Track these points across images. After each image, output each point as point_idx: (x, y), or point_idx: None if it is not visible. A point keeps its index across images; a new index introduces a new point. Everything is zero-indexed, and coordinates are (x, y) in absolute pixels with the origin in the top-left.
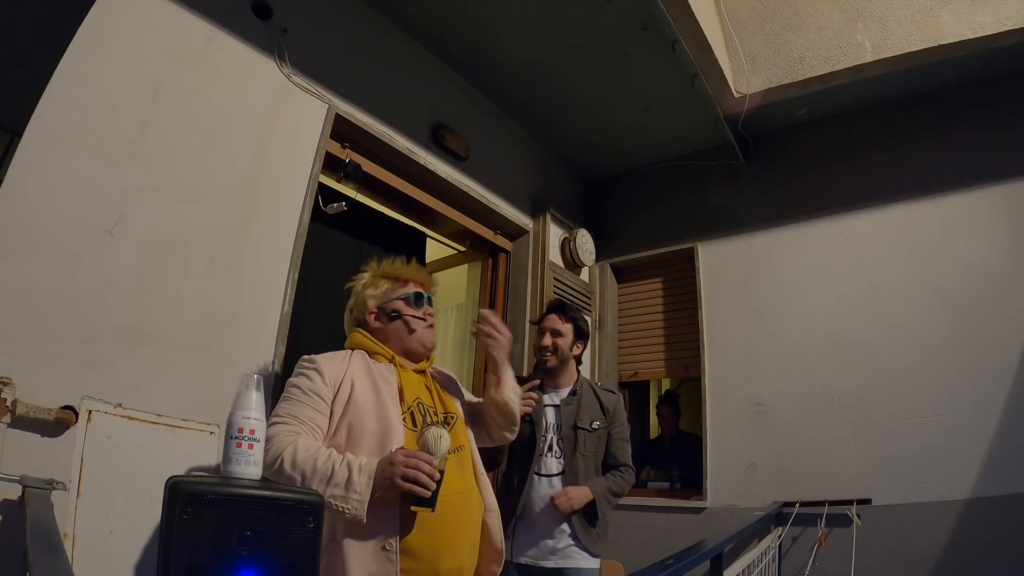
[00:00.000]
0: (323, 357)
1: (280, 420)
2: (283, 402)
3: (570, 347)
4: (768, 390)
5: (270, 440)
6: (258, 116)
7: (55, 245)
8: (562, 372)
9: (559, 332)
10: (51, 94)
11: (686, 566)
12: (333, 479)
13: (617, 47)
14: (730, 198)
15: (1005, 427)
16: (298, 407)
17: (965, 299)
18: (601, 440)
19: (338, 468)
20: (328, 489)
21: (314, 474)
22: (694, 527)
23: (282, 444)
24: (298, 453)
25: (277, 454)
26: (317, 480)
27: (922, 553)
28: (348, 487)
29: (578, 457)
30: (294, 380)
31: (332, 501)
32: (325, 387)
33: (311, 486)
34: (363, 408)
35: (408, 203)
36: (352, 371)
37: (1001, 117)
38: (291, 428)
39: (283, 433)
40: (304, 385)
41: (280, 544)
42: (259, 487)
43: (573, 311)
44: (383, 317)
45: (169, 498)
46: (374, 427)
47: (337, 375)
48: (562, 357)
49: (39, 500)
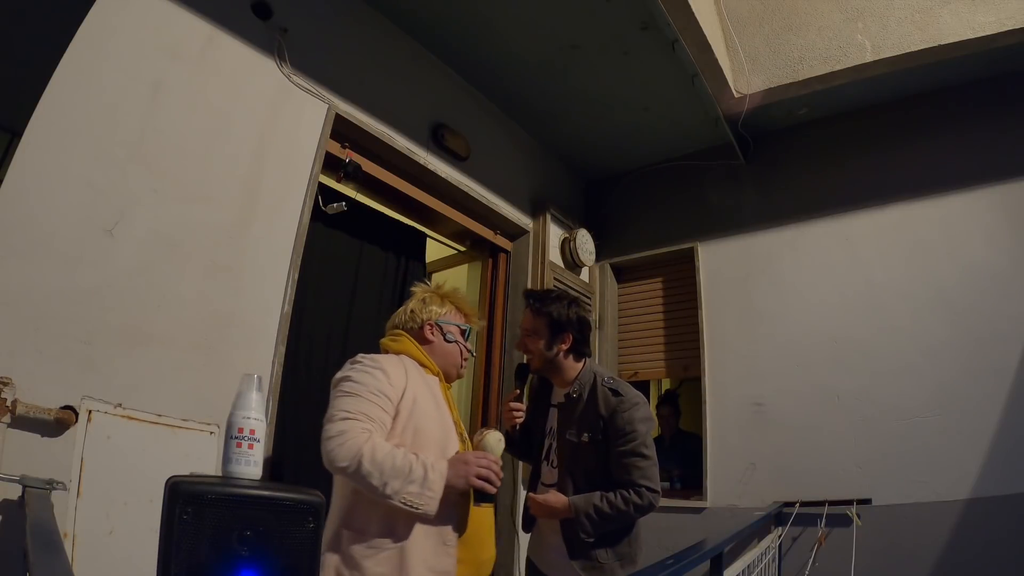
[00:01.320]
0: (384, 359)
1: (351, 416)
2: (348, 398)
3: (548, 346)
4: (768, 390)
5: (343, 435)
6: (258, 116)
7: (55, 245)
8: (556, 371)
9: (530, 331)
10: (51, 94)
11: (686, 566)
12: (410, 476)
13: (617, 47)
14: (730, 198)
15: (1005, 427)
16: (367, 405)
17: (965, 299)
18: (600, 453)
19: (415, 466)
20: (405, 486)
21: (393, 471)
22: (694, 527)
23: (359, 440)
24: (377, 450)
25: (356, 449)
26: (395, 477)
27: (922, 553)
28: (424, 484)
29: (565, 473)
30: (357, 377)
31: (407, 498)
32: (391, 388)
33: (388, 482)
34: (427, 413)
35: (408, 203)
36: (412, 377)
37: (1001, 117)
38: (364, 425)
39: (357, 429)
40: (371, 384)
41: (280, 544)
42: (259, 487)
43: (545, 300)
44: (438, 333)
45: (169, 498)
46: (437, 433)
47: (401, 379)
48: (543, 359)
49: (39, 500)
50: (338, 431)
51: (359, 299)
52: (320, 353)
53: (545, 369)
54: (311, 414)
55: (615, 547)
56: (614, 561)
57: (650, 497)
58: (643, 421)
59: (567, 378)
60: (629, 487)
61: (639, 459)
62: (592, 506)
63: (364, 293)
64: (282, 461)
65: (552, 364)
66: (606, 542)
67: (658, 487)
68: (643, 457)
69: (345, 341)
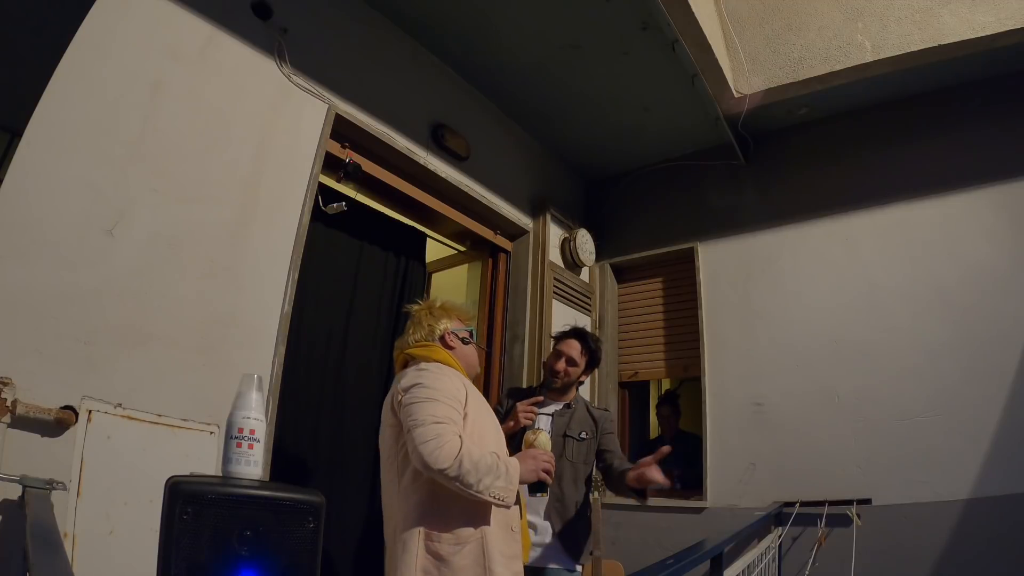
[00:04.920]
0: (446, 367)
1: (442, 421)
2: (431, 403)
3: (580, 375)
4: (768, 390)
5: (439, 437)
6: (258, 116)
7: (55, 245)
8: (567, 390)
9: (574, 362)
10: (51, 94)
11: (686, 566)
12: (497, 472)
13: (617, 47)
14: (730, 198)
15: (1005, 427)
16: (449, 410)
17: (965, 299)
18: (591, 449)
19: (499, 464)
20: (495, 482)
21: (487, 469)
22: (694, 527)
23: (455, 443)
24: (472, 452)
25: (455, 451)
26: (488, 474)
27: (922, 553)
28: (508, 479)
29: (564, 462)
30: (431, 383)
31: (496, 492)
32: (459, 392)
33: (482, 479)
34: (484, 415)
35: (408, 203)
36: (466, 383)
37: (1001, 117)
38: (454, 430)
39: (450, 433)
40: (446, 389)
41: (280, 544)
42: (259, 487)
43: (594, 342)
44: (457, 340)
45: (169, 498)
46: (493, 434)
47: (462, 385)
48: (570, 382)
49: (39, 500)
50: (435, 434)
51: (359, 299)
52: (320, 353)
53: (563, 387)
54: (311, 414)
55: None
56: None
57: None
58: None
59: (569, 396)
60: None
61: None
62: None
63: (364, 293)
64: (282, 461)
65: (570, 386)
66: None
67: None
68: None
69: (345, 341)
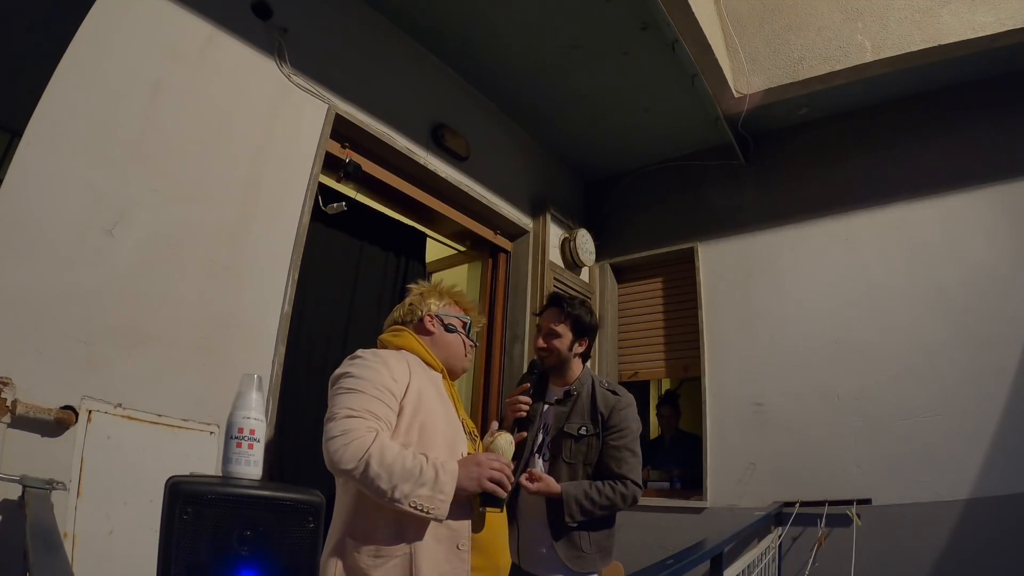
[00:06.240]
0: (386, 353)
1: (356, 414)
2: (350, 395)
3: (569, 347)
4: (768, 390)
5: (347, 433)
6: (258, 116)
7: (55, 245)
8: (564, 370)
9: (555, 333)
10: (51, 94)
11: (686, 566)
12: (421, 479)
13: (617, 47)
14: (730, 198)
15: (1005, 427)
16: (372, 402)
17: (965, 299)
18: (592, 448)
19: (425, 468)
20: (416, 489)
21: (403, 474)
22: (694, 527)
23: (366, 440)
24: (386, 451)
25: (362, 450)
26: (405, 480)
27: (922, 553)
28: (435, 487)
29: (560, 464)
30: (358, 372)
31: (417, 502)
32: (395, 383)
33: (398, 486)
34: (433, 409)
35: (408, 203)
36: (416, 372)
37: (1001, 117)
38: (369, 424)
39: (362, 428)
40: (374, 379)
41: (280, 544)
42: (259, 487)
43: (572, 304)
44: (439, 325)
45: (169, 498)
46: (445, 430)
47: (404, 373)
48: (560, 358)
49: (39, 500)
50: (342, 430)
51: (359, 299)
52: (320, 353)
53: (555, 367)
54: (311, 414)
55: (598, 539)
56: (595, 552)
57: (635, 490)
58: (635, 420)
59: (569, 378)
60: (617, 479)
61: (629, 455)
62: (583, 491)
63: (364, 293)
64: (282, 461)
65: (563, 363)
66: (589, 529)
67: (641, 483)
68: (632, 453)
69: (345, 341)
